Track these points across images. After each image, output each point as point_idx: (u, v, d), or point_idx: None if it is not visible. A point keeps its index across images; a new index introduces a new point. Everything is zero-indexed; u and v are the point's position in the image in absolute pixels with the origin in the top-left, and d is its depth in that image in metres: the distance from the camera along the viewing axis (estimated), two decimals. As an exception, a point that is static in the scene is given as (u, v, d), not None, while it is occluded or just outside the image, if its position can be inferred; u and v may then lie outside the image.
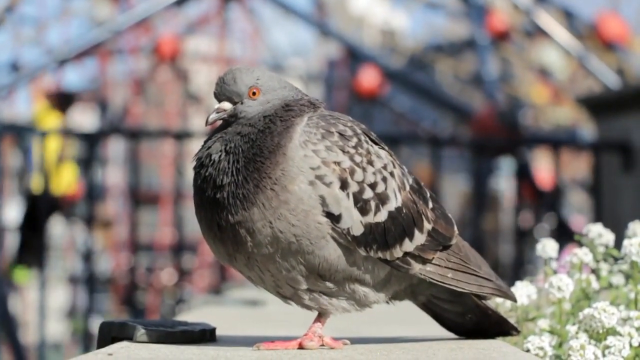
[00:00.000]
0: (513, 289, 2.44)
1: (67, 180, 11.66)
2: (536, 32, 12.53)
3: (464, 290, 2.26)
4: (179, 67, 15.62)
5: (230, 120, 2.17)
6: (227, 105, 2.17)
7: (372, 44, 20.32)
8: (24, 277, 11.30)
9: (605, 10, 12.70)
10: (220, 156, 2.11)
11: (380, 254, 2.14)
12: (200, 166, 2.13)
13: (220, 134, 2.15)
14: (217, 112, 2.17)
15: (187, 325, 2.32)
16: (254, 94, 2.17)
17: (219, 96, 2.18)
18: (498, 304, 2.52)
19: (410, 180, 2.23)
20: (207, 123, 2.17)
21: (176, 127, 15.18)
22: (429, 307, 2.37)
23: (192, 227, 13.14)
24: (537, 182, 10.78)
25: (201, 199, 2.12)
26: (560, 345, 2.39)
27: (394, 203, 2.16)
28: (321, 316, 2.19)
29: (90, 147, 10.37)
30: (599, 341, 2.26)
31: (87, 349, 9.32)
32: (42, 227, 9.01)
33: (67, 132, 10.97)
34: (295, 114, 2.14)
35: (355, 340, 2.29)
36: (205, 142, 2.16)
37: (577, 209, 15.94)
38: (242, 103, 2.17)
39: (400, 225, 2.16)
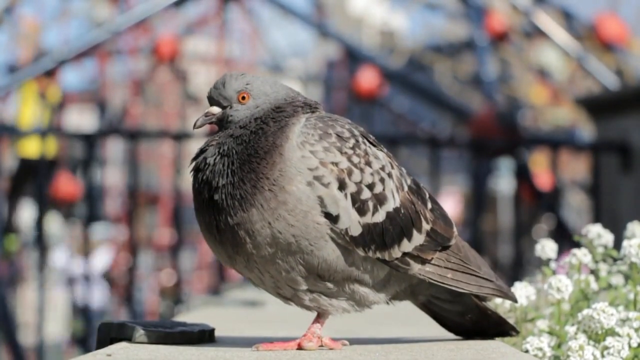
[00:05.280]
0: (512, 290, 2.44)
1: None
2: (535, 33, 12.53)
3: (463, 290, 2.26)
4: (178, 67, 15.62)
5: (219, 124, 2.20)
6: (215, 109, 2.20)
7: (371, 45, 20.32)
8: (13, 243, 11.37)
9: (604, 11, 12.70)
10: (215, 159, 2.12)
11: (378, 255, 2.14)
12: (196, 170, 2.15)
13: (213, 138, 2.17)
14: (206, 116, 2.20)
15: (186, 326, 2.32)
16: (243, 98, 2.19)
17: (211, 100, 2.22)
18: (497, 304, 2.52)
19: (409, 181, 2.23)
20: (194, 126, 2.21)
21: (175, 127, 15.19)
22: (428, 307, 2.37)
23: (191, 227, 13.15)
24: (536, 182, 10.78)
25: (200, 202, 2.14)
26: (559, 346, 2.39)
27: (392, 204, 2.16)
28: (320, 317, 2.19)
29: (89, 148, 10.37)
30: (597, 342, 2.26)
31: (86, 349, 9.33)
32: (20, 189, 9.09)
33: (66, 133, 10.98)
34: (287, 115, 2.16)
35: (354, 341, 2.29)
36: (201, 146, 2.18)
37: (576, 209, 15.95)
38: (230, 107, 2.18)
39: (399, 225, 2.17)
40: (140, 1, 12.99)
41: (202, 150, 2.17)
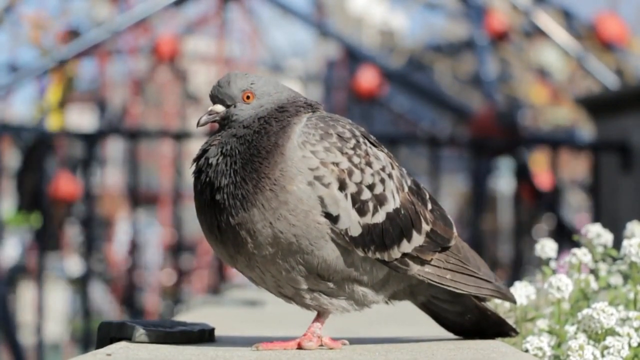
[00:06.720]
0: (512, 289, 2.44)
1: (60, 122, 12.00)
2: (535, 33, 12.52)
3: (462, 291, 2.27)
4: (177, 67, 15.60)
5: (222, 123, 2.19)
6: (219, 108, 2.20)
7: (371, 45, 20.31)
8: (21, 221, 11.43)
9: (604, 10, 12.69)
10: (217, 159, 2.12)
11: (378, 255, 2.15)
12: (198, 170, 2.15)
13: (216, 138, 2.17)
14: (210, 115, 2.19)
15: (186, 325, 2.32)
16: (247, 97, 2.19)
17: (214, 99, 2.21)
18: (497, 304, 2.52)
19: (409, 182, 2.23)
20: (198, 124, 2.21)
21: (175, 127, 15.17)
22: (428, 307, 2.38)
23: (191, 227, 13.15)
24: (536, 182, 10.78)
25: (201, 202, 2.14)
26: (559, 345, 2.39)
27: (392, 204, 2.16)
28: (320, 316, 2.19)
29: (89, 148, 10.37)
30: (597, 341, 2.26)
31: (86, 349, 9.33)
32: (40, 170, 9.12)
33: (66, 133, 10.98)
34: (290, 114, 2.16)
35: (354, 341, 2.29)
36: (202, 146, 2.18)
37: (576, 209, 15.95)
38: (234, 106, 2.18)
39: (398, 226, 2.17)
40: (140, 1, 12.98)
41: (204, 150, 2.17)
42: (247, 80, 2.20)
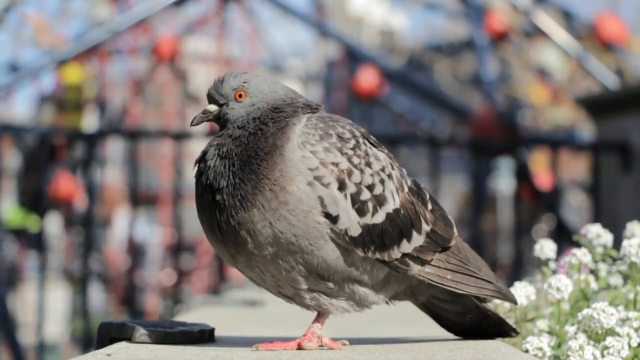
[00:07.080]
0: (512, 290, 2.44)
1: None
2: (535, 33, 12.52)
3: (462, 292, 2.26)
4: (177, 67, 15.60)
5: (217, 122, 2.21)
6: (212, 107, 2.22)
7: (371, 45, 20.31)
8: (20, 220, 11.43)
9: (604, 10, 12.69)
10: (215, 161, 2.13)
11: (378, 255, 2.15)
12: (199, 173, 2.15)
13: (215, 138, 2.18)
14: (203, 114, 2.21)
15: (186, 325, 2.32)
16: (240, 96, 2.20)
17: (209, 98, 2.23)
18: (497, 304, 2.52)
19: (409, 182, 2.23)
20: (192, 124, 2.23)
21: (175, 127, 15.18)
22: (428, 307, 2.38)
23: (191, 227, 13.15)
24: (536, 182, 10.78)
25: (202, 203, 2.15)
26: (559, 345, 2.39)
27: (391, 205, 2.16)
28: (320, 316, 2.19)
29: (89, 148, 10.37)
30: (597, 342, 2.26)
31: (86, 349, 9.33)
32: (42, 172, 9.14)
33: (66, 133, 10.97)
34: (287, 115, 2.16)
35: (354, 341, 2.29)
36: (203, 149, 2.19)
37: (575, 209, 15.95)
38: (227, 105, 2.19)
39: (398, 226, 2.17)
40: (140, 1, 12.97)
41: (204, 152, 2.17)
42: (240, 79, 2.21)
